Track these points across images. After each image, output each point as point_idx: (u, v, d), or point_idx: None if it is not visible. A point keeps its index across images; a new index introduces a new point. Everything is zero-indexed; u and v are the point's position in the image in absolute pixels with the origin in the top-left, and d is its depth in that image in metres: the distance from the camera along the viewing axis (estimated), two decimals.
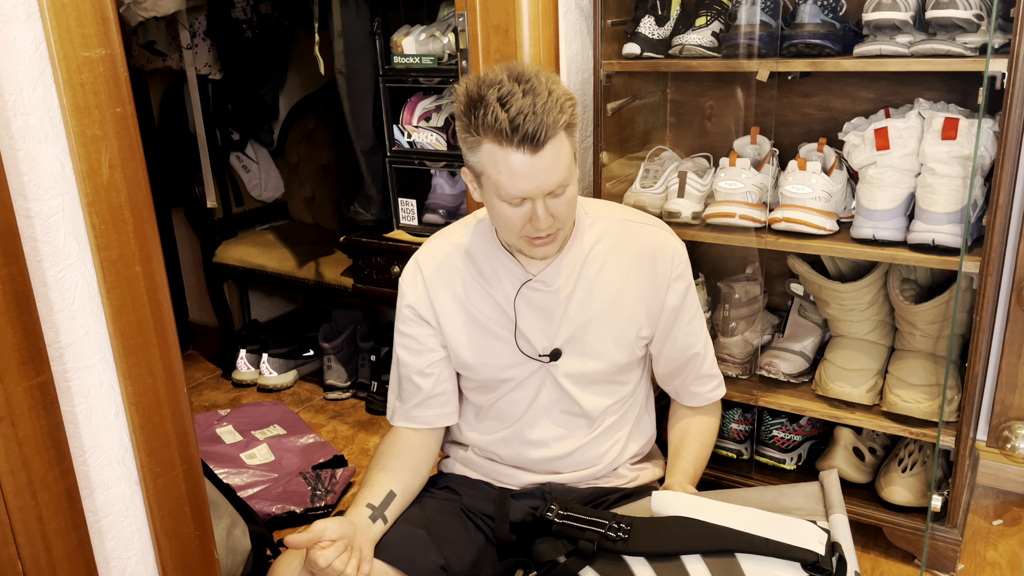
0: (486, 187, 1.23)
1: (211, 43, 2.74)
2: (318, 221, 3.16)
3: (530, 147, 1.14)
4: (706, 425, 1.50)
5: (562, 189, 1.21)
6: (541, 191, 1.18)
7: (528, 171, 1.16)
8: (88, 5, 1.02)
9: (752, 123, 2.00)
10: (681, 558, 1.13)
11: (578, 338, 1.37)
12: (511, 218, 1.22)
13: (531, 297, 1.36)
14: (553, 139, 1.16)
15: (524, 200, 1.20)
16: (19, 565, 1.04)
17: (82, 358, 1.11)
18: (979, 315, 1.61)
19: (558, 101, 1.16)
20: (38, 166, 1.03)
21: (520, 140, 1.14)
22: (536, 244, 1.26)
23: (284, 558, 1.27)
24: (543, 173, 1.17)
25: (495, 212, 1.25)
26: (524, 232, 1.24)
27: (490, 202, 1.24)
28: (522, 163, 1.15)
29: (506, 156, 1.16)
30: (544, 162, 1.16)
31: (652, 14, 1.91)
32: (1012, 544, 1.91)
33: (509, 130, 1.13)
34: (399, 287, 1.42)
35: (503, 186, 1.18)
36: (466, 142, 1.21)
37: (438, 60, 2.24)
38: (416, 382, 1.41)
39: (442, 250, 1.40)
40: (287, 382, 2.90)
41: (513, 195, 1.18)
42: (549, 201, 1.20)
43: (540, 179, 1.17)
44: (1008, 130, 1.50)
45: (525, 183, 1.17)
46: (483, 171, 1.20)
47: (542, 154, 1.15)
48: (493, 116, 1.13)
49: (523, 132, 1.13)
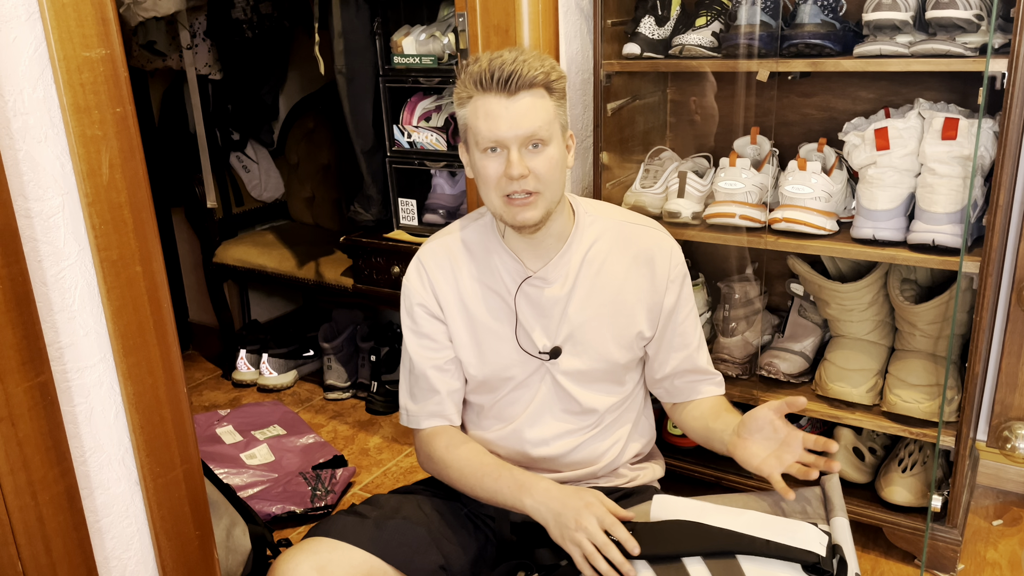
0: (471, 146, 1.29)
1: (211, 43, 2.74)
2: (318, 221, 3.16)
3: (504, 91, 1.23)
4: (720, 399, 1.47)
5: (540, 144, 1.25)
6: (514, 135, 1.24)
7: (500, 112, 1.24)
8: (88, 5, 1.02)
9: (752, 123, 2.00)
10: (682, 560, 1.13)
11: (577, 336, 1.37)
12: (488, 170, 1.27)
13: (531, 294, 1.36)
14: (530, 90, 1.24)
15: (499, 148, 1.25)
16: (19, 565, 1.04)
17: (82, 358, 1.11)
18: (979, 315, 1.61)
19: (542, 63, 1.25)
20: (38, 166, 1.03)
21: (496, 83, 1.23)
22: (515, 203, 1.27)
23: (284, 558, 1.27)
24: (515, 118, 1.23)
25: (478, 172, 1.29)
26: (502, 188, 1.27)
27: (475, 163, 1.29)
28: (496, 105, 1.24)
29: (485, 102, 1.24)
30: (519, 107, 1.23)
31: (652, 14, 1.91)
32: (1012, 544, 1.91)
33: (488, 75, 1.23)
34: (404, 288, 1.42)
35: (480, 131, 1.25)
36: (458, 102, 1.29)
37: (438, 60, 2.24)
38: (433, 382, 1.40)
39: (444, 249, 1.41)
40: (287, 382, 2.90)
41: (489, 138, 1.25)
42: (525, 153, 1.25)
43: (512, 122, 1.23)
44: (1008, 130, 1.50)
45: (497, 124, 1.24)
46: (468, 125, 1.28)
47: (517, 99, 1.23)
48: (478, 66, 1.25)
49: (498, 77, 1.23)
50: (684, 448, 2.12)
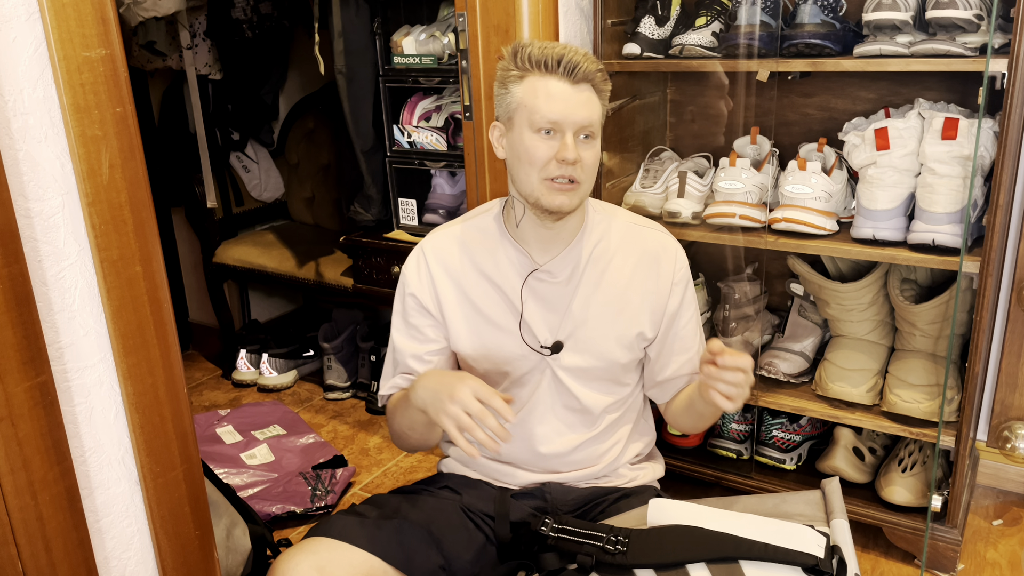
0: (518, 123, 1.28)
1: (211, 43, 2.74)
2: (318, 221, 3.16)
3: (569, 76, 1.25)
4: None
5: (590, 135, 1.28)
6: (573, 120, 1.25)
7: (565, 95, 1.25)
8: (88, 5, 1.02)
9: (752, 123, 2.00)
10: (686, 567, 1.13)
11: (580, 334, 1.38)
12: (538, 149, 1.27)
13: (536, 287, 1.37)
14: (588, 84, 1.26)
15: (554, 131, 1.26)
16: (19, 565, 1.04)
17: (82, 358, 1.11)
18: (979, 315, 1.61)
19: (595, 61, 1.28)
20: (38, 166, 1.03)
21: (563, 70, 1.25)
22: (557, 187, 1.28)
23: (284, 558, 1.27)
24: (577, 104, 1.25)
25: (522, 148, 1.28)
26: (547, 171, 1.27)
27: (519, 140, 1.29)
28: (560, 89, 1.25)
29: (546, 83, 1.25)
30: (580, 96, 1.26)
31: (652, 14, 1.91)
32: (1012, 544, 1.91)
33: (554, 60, 1.25)
34: (402, 274, 1.43)
35: (539, 109, 1.25)
36: (508, 79, 1.28)
37: (438, 60, 2.24)
38: (412, 366, 1.42)
39: (448, 241, 1.41)
40: (287, 382, 2.90)
41: (547, 117, 1.25)
42: (578, 143, 1.27)
43: (573, 107, 1.25)
44: (1008, 130, 1.50)
45: (560, 106, 1.25)
46: (520, 103, 1.27)
47: (579, 88, 1.26)
48: (540, 50, 1.26)
49: (565, 63, 1.25)
50: (684, 448, 2.12)
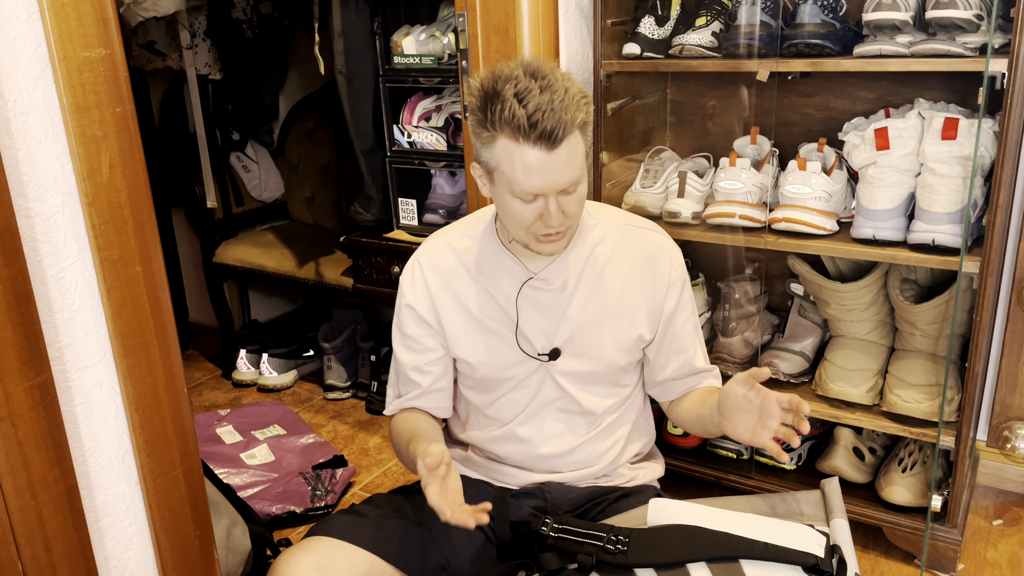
0: (498, 183, 1.22)
1: (211, 43, 2.74)
2: (318, 221, 3.16)
3: (547, 144, 1.14)
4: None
5: (574, 187, 1.21)
6: (555, 188, 1.19)
7: (543, 168, 1.16)
8: (88, 5, 1.02)
9: (752, 123, 2.00)
10: (686, 567, 1.13)
11: (577, 338, 1.37)
12: (522, 214, 1.22)
13: (532, 296, 1.36)
14: (569, 137, 1.16)
15: (537, 197, 1.20)
16: (19, 565, 1.04)
17: (82, 358, 1.11)
18: (979, 315, 1.61)
19: (575, 99, 1.16)
20: (38, 166, 1.03)
21: (537, 137, 1.14)
22: (544, 241, 1.26)
23: (284, 558, 1.27)
24: (558, 171, 1.17)
25: (506, 208, 1.24)
26: (534, 229, 1.24)
27: (501, 198, 1.24)
28: (538, 159, 1.16)
29: (522, 152, 1.16)
30: (560, 159, 1.16)
31: (652, 14, 1.91)
32: (1012, 544, 1.91)
33: (527, 126, 1.13)
34: (399, 285, 1.42)
35: (517, 182, 1.18)
36: (480, 137, 1.20)
37: (438, 60, 2.24)
38: (414, 378, 1.42)
39: (442, 249, 1.41)
40: (287, 382, 2.90)
41: (527, 191, 1.18)
42: (561, 198, 1.21)
43: (555, 176, 1.17)
44: (1008, 130, 1.50)
45: (539, 180, 1.17)
46: (497, 167, 1.20)
47: (558, 151, 1.16)
48: (511, 112, 1.13)
49: (541, 129, 1.13)
50: (684, 448, 2.12)
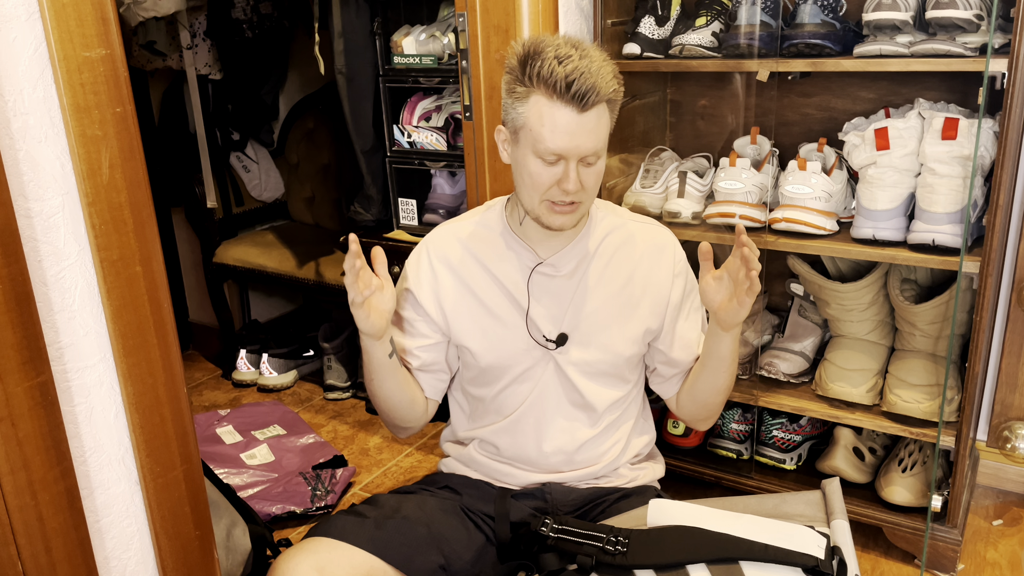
0: (523, 142, 1.24)
1: (211, 43, 2.73)
2: (318, 221, 3.16)
3: (578, 105, 1.17)
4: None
5: (595, 158, 1.24)
6: (578, 152, 1.21)
7: (572, 128, 1.19)
8: (88, 5, 1.02)
9: (752, 123, 2.00)
10: (686, 567, 1.13)
11: (584, 328, 1.38)
12: (541, 176, 1.24)
13: (540, 282, 1.37)
14: (599, 105, 1.19)
15: (559, 159, 1.22)
16: (19, 565, 1.04)
17: (82, 358, 1.11)
18: (979, 315, 1.61)
19: (610, 72, 1.20)
20: (38, 166, 1.03)
21: (571, 97, 1.17)
22: (557, 210, 1.27)
23: (284, 558, 1.27)
24: (585, 135, 1.20)
25: (525, 170, 1.25)
26: (549, 195, 1.25)
27: (522, 160, 1.25)
28: (567, 120, 1.18)
29: (553, 110, 1.18)
30: (588, 124, 1.19)
31: (652, 14, 1.91)
32: (1012, 544, 1.91)
33: (564, 85, 1.16)
34: (404, 268, 1.43)
35: (543, 139, 1.20)
36: (514, 93, 1.23)
37: (438, 60, 2.24)
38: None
39: (450, 237, 1.42)
40: (287, 382, 2.90)
41: (551, 150, 1.21)
42: (581, 168, 1.23)
43: (580, 139, 1.20)
44: (1008, 130, 1.50)
45: (565, 140, 1.20)
46: (524, 124, 1.22)
47: (588, 115, 1.19)
48: (549, 69, 1.17)
49: (575, 89, 1.16)
50: (684, 448, 2.12)
